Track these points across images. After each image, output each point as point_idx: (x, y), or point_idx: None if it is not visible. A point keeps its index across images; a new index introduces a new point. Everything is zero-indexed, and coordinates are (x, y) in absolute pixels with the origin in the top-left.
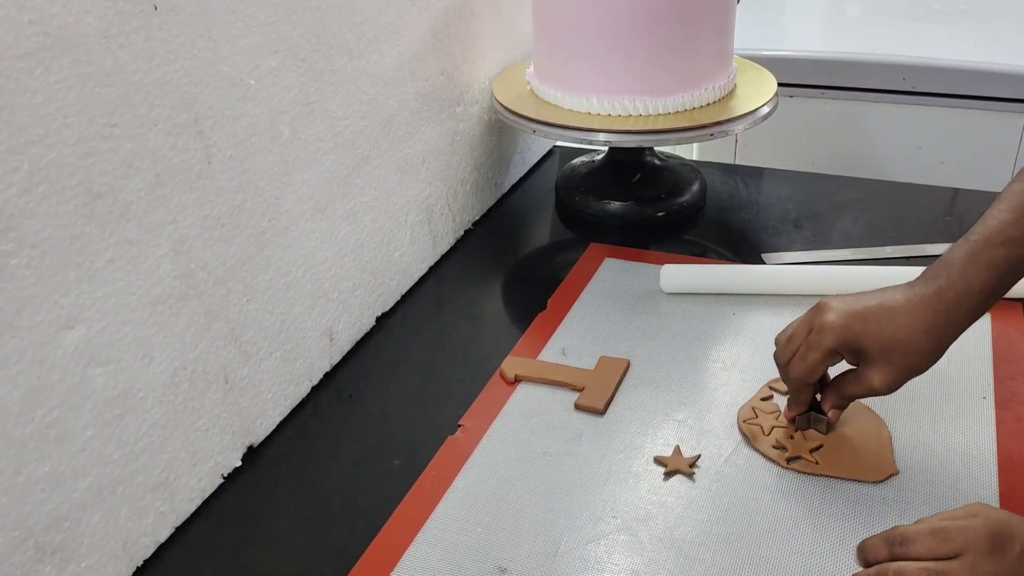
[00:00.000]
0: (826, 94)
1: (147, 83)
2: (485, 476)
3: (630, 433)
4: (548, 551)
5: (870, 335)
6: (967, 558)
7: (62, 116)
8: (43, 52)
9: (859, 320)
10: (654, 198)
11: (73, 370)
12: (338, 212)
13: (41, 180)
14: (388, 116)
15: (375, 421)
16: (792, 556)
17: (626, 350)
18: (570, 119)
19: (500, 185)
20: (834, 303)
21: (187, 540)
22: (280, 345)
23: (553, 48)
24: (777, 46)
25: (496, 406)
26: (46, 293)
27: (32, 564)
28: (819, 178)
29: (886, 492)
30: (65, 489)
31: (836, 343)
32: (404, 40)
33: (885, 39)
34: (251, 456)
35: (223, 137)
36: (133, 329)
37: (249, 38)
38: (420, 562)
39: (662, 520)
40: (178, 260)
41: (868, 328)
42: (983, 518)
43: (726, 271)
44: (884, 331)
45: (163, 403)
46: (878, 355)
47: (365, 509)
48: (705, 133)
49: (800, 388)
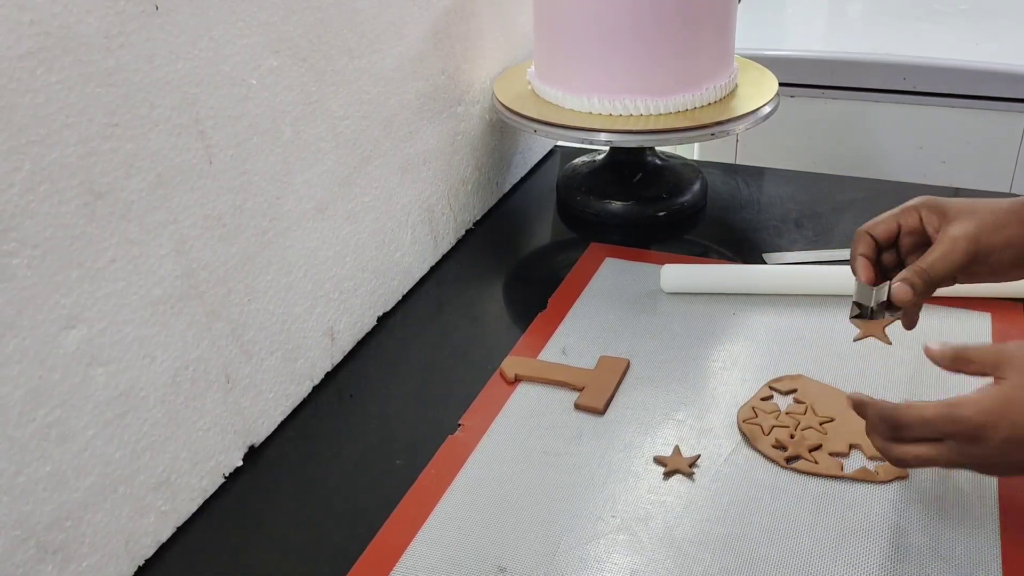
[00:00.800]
0: (827, 94)
1: (148, 83)
2: (485, 475)
3: (630, 432)
4: (548, 550)
5: (954, 200)
6: (952, 443)
7: (63, 116)
8: (44, 52)
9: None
10: (655, 198)
11: (74, 370)
12: (339, 212)
13: (42, 180)
14: (389, 116)
15: (376, 421)
16: (792, 556)
17: (626, 350)
18: (571, 119)
19: (501, 185)
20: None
21: (188, 539)
22: (281, 345)
23: (554, 48)
24: (778, 46)
25: (496, 405)
26: (47, 293)
27: (34, 563)
28: (820, 178)
29: (886, 492)
30: (67, 488)
31: (919, 198)
32: (405, 40)
33: (886, 39)
34: (252, 456)
35: (224, 137)
36: (134, 329)
37: (250, 38)
38: (420, 561)
39: (662, 520)
40: (179, 260)
41: (954, 199)
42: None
43: (726, 271)
44: (969, 200)
45: (164, 403)
46: (961, 211)
47: (366, 508)
48: (706, 133)
49: (862, 237)
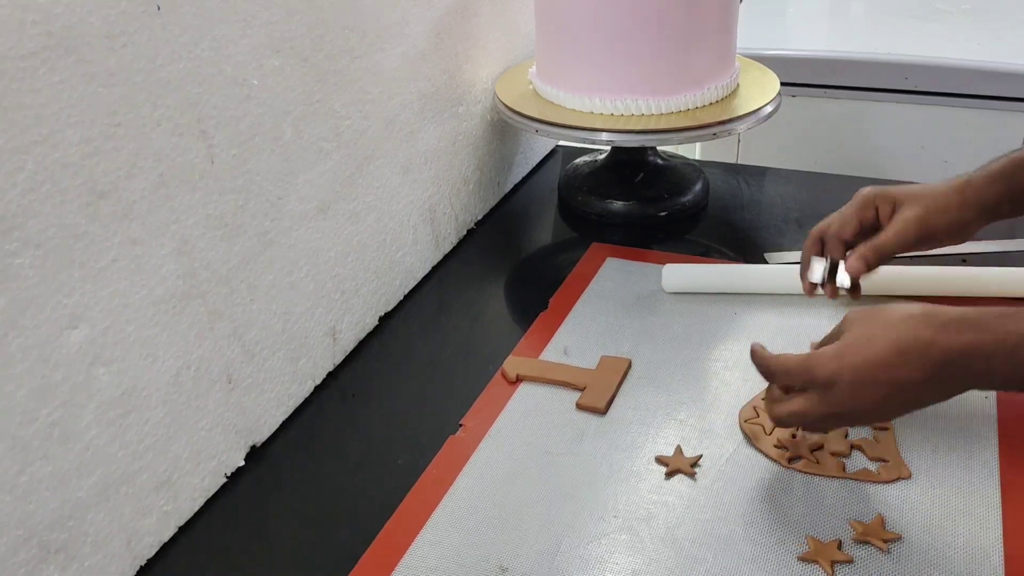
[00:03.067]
0: (829, 93)
1: (150, 83)
2: (486, 475)
3: (631, 433)
4: (549, 550)
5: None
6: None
7: (65, 116)
8: (46, 52)
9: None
10: (656, 198)
11: (77, 369)
12: (341, 212)
13: (45, 180)
14: (391, 116)
15: (378, 421)
16: (793, 556)
17: (628, 350)
18: (573, 119)
19: (502, 185)
20: None
21: (191, 539)
22: (283, 345)
23: (555, 48)
24: (780, 45)
25: (498, 406)
26: (50, 292)
27: (36, 563)
28: (822, 177)
29: (887, 492)
30: (69, 488)
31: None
32: (407, 40)
33: (888, 38)
34: (254, 455)
35: (226, 137)
36: (137, 328)
37: (252, 38)
38: (421, 561)
39: (663, 520)
40: (181, 260)
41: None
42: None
43: (727, 270)
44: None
45: (167, 402)
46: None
47: (367, 508)
48: (708, 133)
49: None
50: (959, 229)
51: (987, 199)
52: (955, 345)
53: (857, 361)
